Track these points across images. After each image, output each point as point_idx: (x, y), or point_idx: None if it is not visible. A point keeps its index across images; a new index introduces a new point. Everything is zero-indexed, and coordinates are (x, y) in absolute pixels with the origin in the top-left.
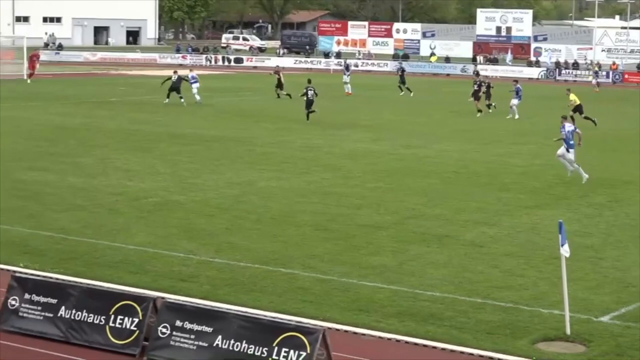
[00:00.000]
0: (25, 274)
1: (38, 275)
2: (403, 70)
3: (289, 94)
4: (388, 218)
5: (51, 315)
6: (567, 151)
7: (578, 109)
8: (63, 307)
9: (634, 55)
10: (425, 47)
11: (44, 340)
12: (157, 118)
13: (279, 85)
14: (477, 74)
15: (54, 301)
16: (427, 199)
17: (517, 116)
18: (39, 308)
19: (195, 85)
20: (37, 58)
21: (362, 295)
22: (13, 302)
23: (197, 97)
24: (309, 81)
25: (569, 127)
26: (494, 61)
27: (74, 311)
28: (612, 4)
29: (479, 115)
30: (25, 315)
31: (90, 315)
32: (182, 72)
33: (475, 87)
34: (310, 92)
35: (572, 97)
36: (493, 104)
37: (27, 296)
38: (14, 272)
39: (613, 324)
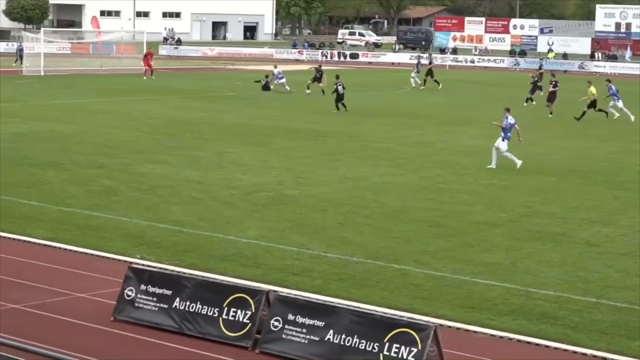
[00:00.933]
0: (142, 265)
1: (154, 267)
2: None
3: (323, 90)
4: (502, 215)
5: (166, 306)
6: (502, 140)
7: (593, 104)
8: (177, 299)
9: None
10: (542, 43)
11: (159, 330)
12: (273, 113)
13: (316, 79)
14: (552, 73)
15: (169, 292)
16: (542, 197)
17: (616, 115)
18: (154, 299)
19: (282, 82)
20: (150, 56)
21: (474, 292)
22: (129, 293)
23: (287, 87)
24: (337, 77)
25: (510, 119)
26: (613, 58)
27: (188, 303)
28: None
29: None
30: (140, 305)
31: (204, 307)
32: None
33: (551, 88)
34: (339, 87)
35: (592, 90)
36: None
37: (142, 287)
38: (131, 263)
39: None
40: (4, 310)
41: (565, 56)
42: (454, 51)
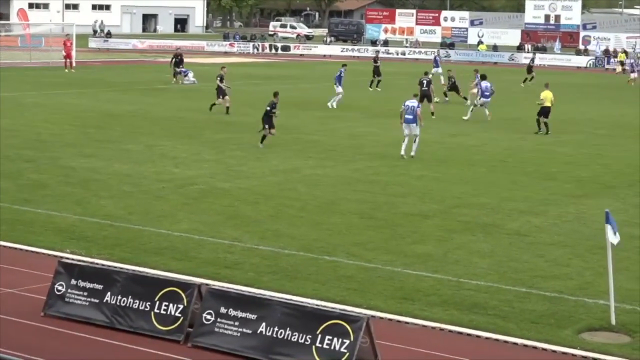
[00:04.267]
0: (72, 259)
1: (84, 261)
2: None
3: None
4: (433, 207)
5: (97, 301)
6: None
7: (544, 111)
8: (109, 293)
9: None
10: (473, 35)
11: (90, 325)
12: (204, 105)
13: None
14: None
15: (100, 287)
16: (472, 188)
17: (467, 116)
18: (85, 294)
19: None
20: (70, 44)
21: (406, 283)
22: (60, 288)
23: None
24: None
25: (410, 102)
26: (542, 50)
27: (119, 297)
28: None
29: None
30: (71, 300)
31: (135, 301)
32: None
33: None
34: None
35: (545, 95)
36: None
37: (73, 282)
38: (61, 257)
39: None
40: None
41: (495, 48)
42: (385, 43)
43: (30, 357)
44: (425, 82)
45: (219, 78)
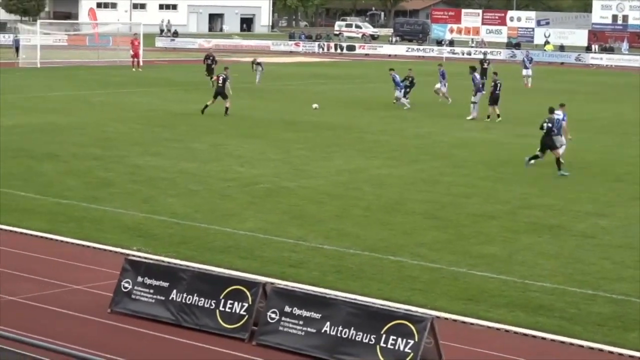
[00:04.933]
0: (139, 257)
1: (151, 259)
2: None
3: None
4: (498, 207)
5: (163, 298)
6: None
7: None
8: (174, 291)
9: None
10: (539, 35)
11: (155, 322)
12: (270, 105)
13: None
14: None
15: (166, 284)
16: (538, 189)
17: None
18: (151, 291)
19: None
20: (137, 43)
21: (471, 284)
22: (126, 285)
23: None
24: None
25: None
26: (609, 50)
27: (185, 295)
28: None
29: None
30: (137, 297)
31: (200, 299)
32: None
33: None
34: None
35: None
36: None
37: (139, 279)
38: (128, 255)
39: None
40: (1, 302)
41: (562, 48)
42: (451, 43)
43: (97, 353)
44: (498, 84)
45: (222, 78)
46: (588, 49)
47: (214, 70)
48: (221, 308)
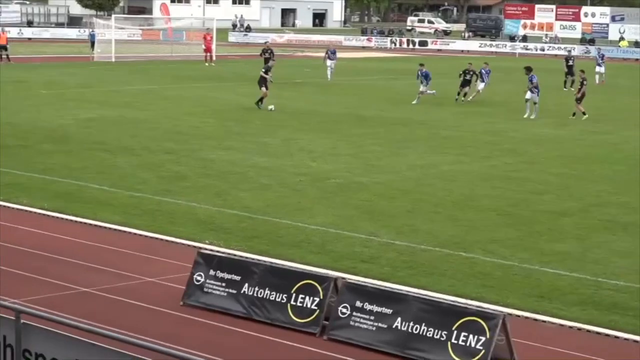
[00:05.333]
0: (211, 250)
1: (223, 253)
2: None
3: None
4: (572, 204)
5: (234, 291)
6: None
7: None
8: (246, 284)
9: None
10: (614, 31)
11: (227, 315)
12: (341, 100)
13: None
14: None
15: (238, 278)
16: (612, 186)
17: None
18: (223, 284)
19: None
20: (210, 38)
21: (543, 282)
22: (198, 278)
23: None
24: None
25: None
26: None
27: (256, 288)
28: None
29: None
30: (209, 290)
31: (272, 293)
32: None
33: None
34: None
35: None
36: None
37: (211, 272)
38: (200, 248)
39: None
40: (76, 293)
41: (637, 44)
42: (524, 39)
43: (169, 345)
44: (585, 82)
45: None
46: None
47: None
48: (292, 302)
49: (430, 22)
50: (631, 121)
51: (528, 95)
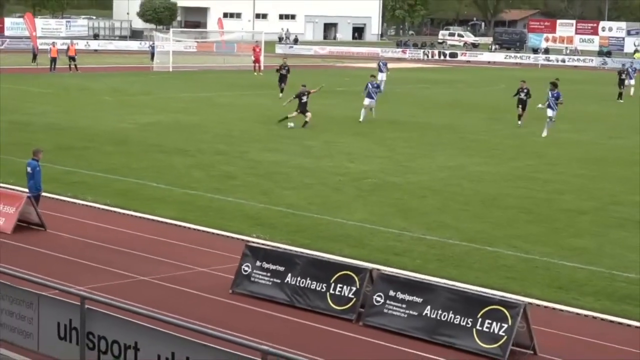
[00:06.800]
0: (258, 243)
1: (268, 245)
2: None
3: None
4: (589, 203)
5: (279, 281)
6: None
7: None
8: (289, 275)
9: None
10: (629, 44)
11: (272, 303)
12: (378, 106)
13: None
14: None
15: (282, 269)
16: (628, 187)
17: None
18: (268, 274)
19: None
20: (259, 50)
21: (562, 274)
22: (246, 268)
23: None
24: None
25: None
26: None
27: (299, 278)
28: None
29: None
30: (256, 280)
31: (313, 282)
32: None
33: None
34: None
35: None
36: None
37: (258, 263)
38: (248, 241)
39: None
40: (135, 281)
41: None
42: (546, 51)
43: (220, 329)
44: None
45: (304, 94)
46: None
47: (287, 79)
48: (331, 291)
49: (460, 35)
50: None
51: (550, 112)
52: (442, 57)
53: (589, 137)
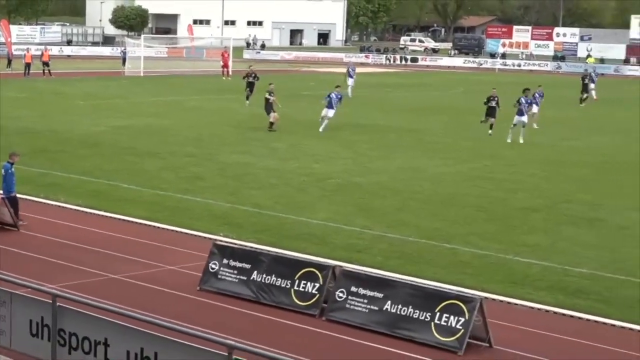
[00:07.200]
0: (225, 242)
1: (235, 244)
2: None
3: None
4: (542, 202)
5: (245, 278)
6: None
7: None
8: (255, 272)
9: None
10: (582, 49)
11: (238, 299)
12: (342, 110)
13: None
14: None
15: (248, 266)
16: (579, 186)
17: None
18: (235, 272)
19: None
20: (227, 55)
21: (516, 270)
22: (213, 266)
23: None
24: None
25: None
26: None
27: (264, 275)
28: None
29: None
30: (223, 277)
31: (278, 279)
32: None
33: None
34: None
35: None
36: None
37: (225, 261)
38: (215, 240)
39: None
40: (106, 280)
41: (602, 61)
42: (503, 56)
43: (188, 325)
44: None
45: (268, 93)
46: (626, 61)
47: (254, 86)
48: (296, 287)
49: (420, 41)
50: (594, 128)
51: (520, 119)
52: (403, 62)
53: (545, 139)
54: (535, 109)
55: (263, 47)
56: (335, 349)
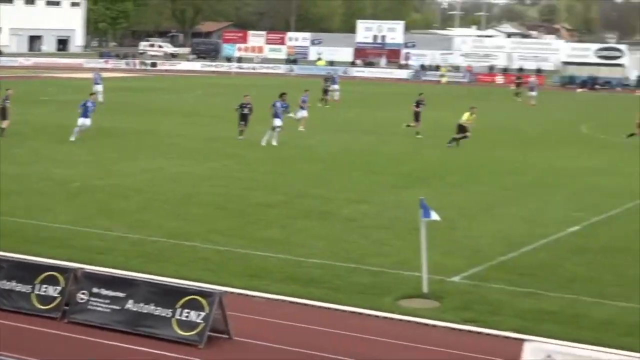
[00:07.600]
0: None
1: None
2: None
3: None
4: (278, 198)
5: None
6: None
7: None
8: None
9: (487, 59)
10: (313, 52)
11: None
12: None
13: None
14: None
15: None
16: (312, 182)
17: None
18: None
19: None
20: None
21: (255, 263)
22: None
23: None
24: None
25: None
26: (370, 64)
27: (5, 281)
28: (470, 16)
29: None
30: None
31: (18, 284)
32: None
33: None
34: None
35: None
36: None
37: None
38: None
39: (462, 283)
40: None
41: (331, 63)
42: (239, 60)
43: None
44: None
45: (4, 98)
46: (353, 63)
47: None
48: (37, 292)
49: (160, 46)
50: (325, 127)
51: (277, 122)
52: (143, 67)
53: (283, 138)
54: (304, 113)
55: (0, 53)
56: (76, 350)
